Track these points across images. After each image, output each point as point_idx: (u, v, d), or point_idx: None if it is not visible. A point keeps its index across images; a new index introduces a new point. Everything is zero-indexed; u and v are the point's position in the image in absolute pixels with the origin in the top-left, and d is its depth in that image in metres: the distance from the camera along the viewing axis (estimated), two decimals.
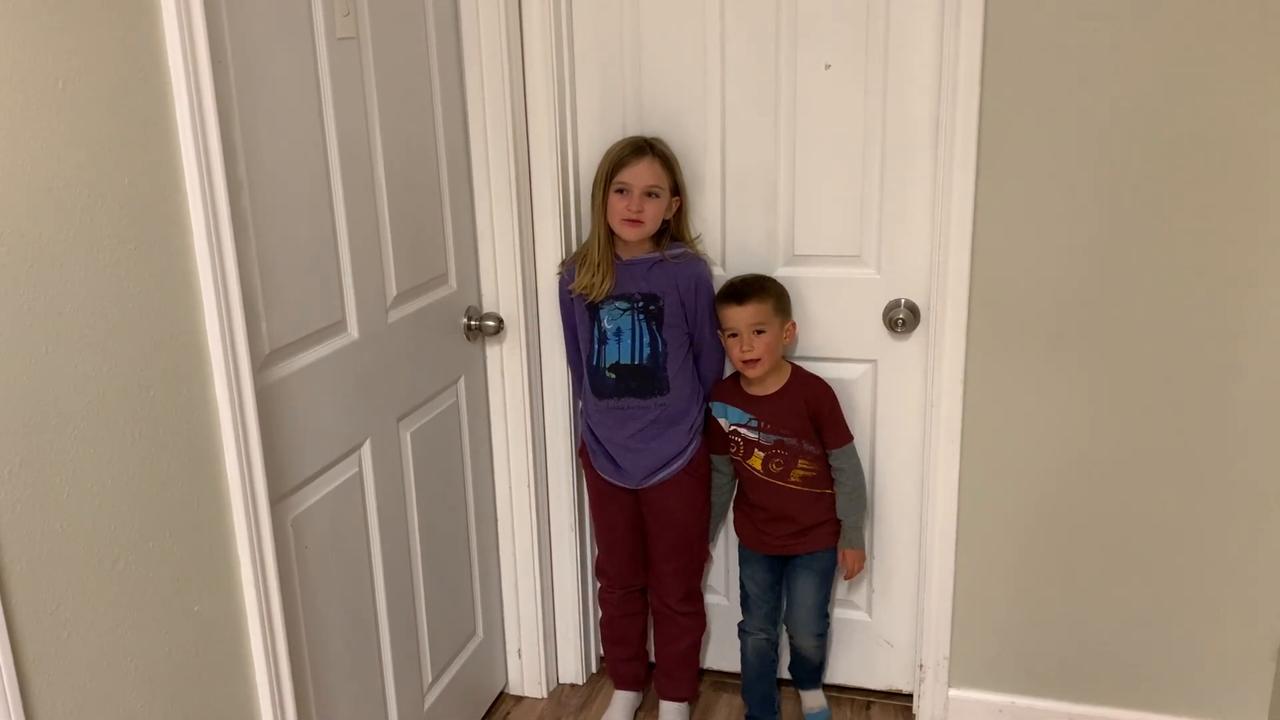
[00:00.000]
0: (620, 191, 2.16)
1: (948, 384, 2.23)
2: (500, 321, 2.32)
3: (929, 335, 2.26)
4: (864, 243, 2.28)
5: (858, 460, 2.31)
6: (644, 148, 2.18)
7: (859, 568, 2.37)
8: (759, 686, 2.47)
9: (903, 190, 2.22)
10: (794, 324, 2.28)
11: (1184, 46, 1.96)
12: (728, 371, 2.36)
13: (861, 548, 2.36)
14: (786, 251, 2.32)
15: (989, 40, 2.03)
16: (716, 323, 2.27)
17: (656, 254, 2.23)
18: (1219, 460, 2.15)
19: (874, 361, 2.34)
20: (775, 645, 2.45)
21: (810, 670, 2.49)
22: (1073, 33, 2.00)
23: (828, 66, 2.19)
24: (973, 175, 2.10)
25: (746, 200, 2.32)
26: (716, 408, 2.30)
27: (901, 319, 2.27)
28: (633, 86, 2.32)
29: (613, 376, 2.26)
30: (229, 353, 1.45)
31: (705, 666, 2.64)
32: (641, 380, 2.25)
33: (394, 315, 2.01)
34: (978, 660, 2.42)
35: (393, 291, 2.00)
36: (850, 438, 2.29)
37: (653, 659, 2.57)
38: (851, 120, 2.21)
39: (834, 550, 2.34)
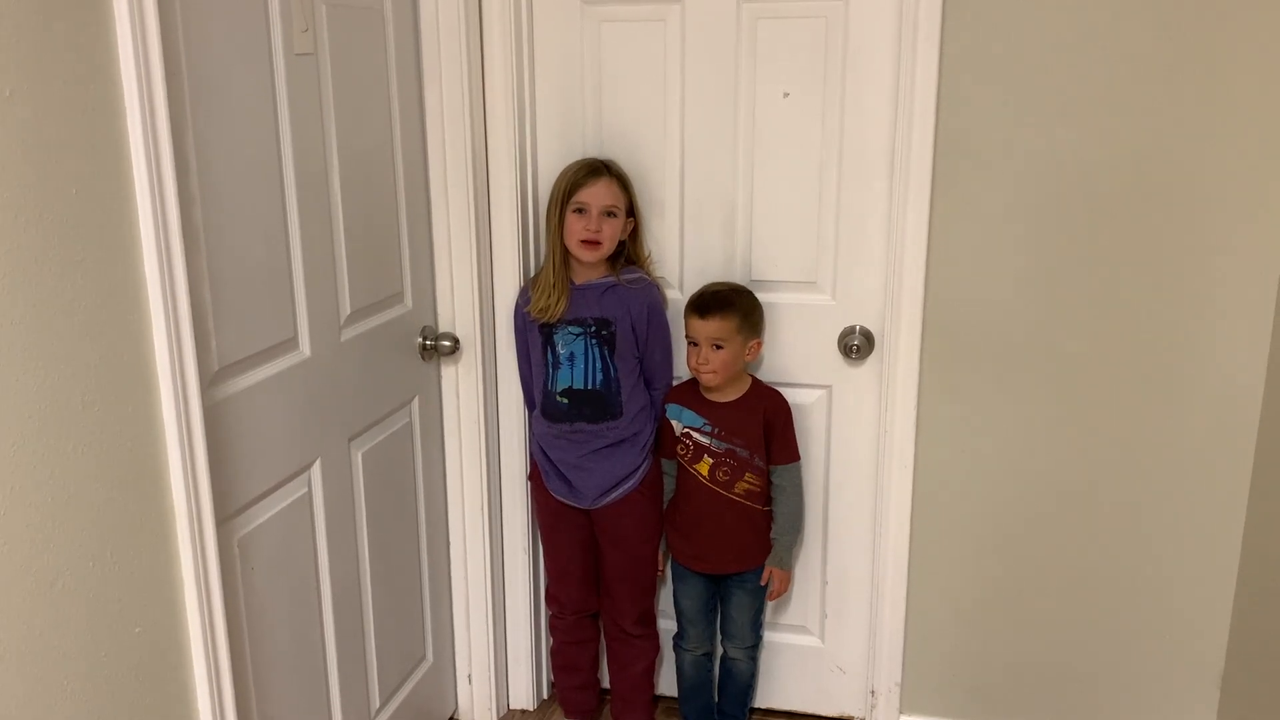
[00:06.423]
0: (578, 212, 2.16)
1: (901, 410, 2.25)
2: (456, 341, 2.31)
3: (883, 362, 2.28)
4: (820, 269, 2.29)
5: (800, 482, 2.31)
6: (600, 168, 2.19)
7: (784, 589, 2.36)
8: (697, 698, 2.45)
9: (858, 218, 2.24)
10: (760, 342, 2.27)
11: (1133, 82, 2.01)
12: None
13: (789, 569, 2.37)
14: (744, 275, 2.33)
15: (944, 72, 2.07)
16: (668, 347, 2.29)
17: (611, 278, 2.23)
18: (1167, 487, 2.19)
19: (829, 387, 2.35)
20: (712, 659, 2.45)
21: (738, 692, 2.46)
22: (1027, 67, 2.04)
23: (786, 94, 2.21)
24: (927, 204, 2.13)
25: (704, 224, 2.33)
26: (671, 409, 2.29)
27: (856, 345, 2.28)
28: (593, 108, 2.32)
29: (565, 401, 2.25)
30: (176, 368, 1.42)
31: (659, 693, 2.62)
32: (594, 405, 2.24)
33: (347, 333, 1.99)
34: (929, 686, 2.43)
35: (346, 309, 1.97)
36: (797, 457, 2.29)
37: (605, 685, 2.55)
38: (809, 148, 2.23)
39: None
